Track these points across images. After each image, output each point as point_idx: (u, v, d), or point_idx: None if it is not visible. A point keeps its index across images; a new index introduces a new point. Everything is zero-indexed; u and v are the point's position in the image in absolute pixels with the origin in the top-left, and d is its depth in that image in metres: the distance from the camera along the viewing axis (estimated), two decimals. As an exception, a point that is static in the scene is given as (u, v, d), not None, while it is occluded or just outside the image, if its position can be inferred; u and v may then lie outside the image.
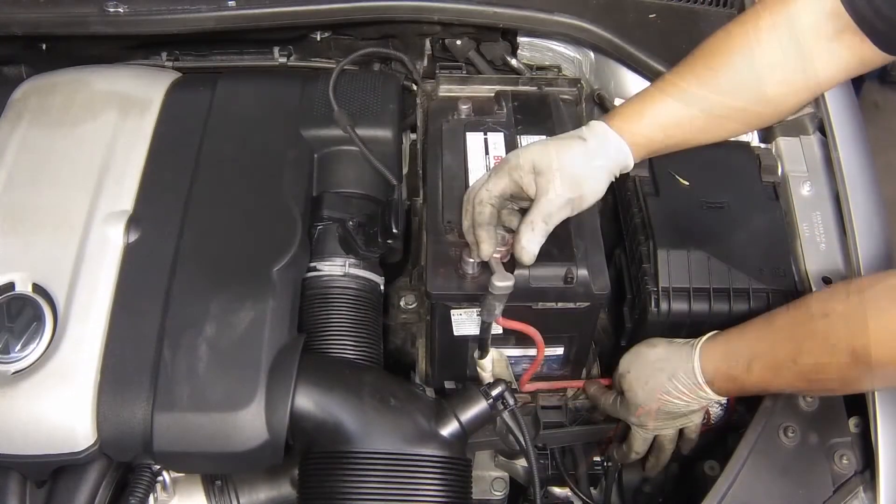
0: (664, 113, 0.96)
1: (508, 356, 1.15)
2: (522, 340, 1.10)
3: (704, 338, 1.03)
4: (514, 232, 0.99)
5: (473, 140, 1.20)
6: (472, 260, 1.02)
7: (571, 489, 1.26)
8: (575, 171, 0.95)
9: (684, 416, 1.08)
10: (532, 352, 1.13)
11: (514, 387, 1.14)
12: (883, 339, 0.84)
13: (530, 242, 0.95)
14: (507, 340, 1.12)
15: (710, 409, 1.16)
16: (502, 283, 0.95)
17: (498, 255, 0.99)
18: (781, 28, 0.94)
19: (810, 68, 0.95)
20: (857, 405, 1.03)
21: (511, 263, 1.00)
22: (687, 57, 0.99)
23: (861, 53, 0.93)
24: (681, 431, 1.12)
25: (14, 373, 0.95)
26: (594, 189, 0.96)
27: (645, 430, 1.10)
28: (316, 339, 1.08)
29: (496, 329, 1.05)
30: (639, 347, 1.09)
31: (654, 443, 1.14)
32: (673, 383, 1.03)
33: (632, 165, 0.98)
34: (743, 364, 0.97)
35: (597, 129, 0.98)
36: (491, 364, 1.09)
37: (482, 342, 1.06)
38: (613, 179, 1.00)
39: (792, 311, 0.96)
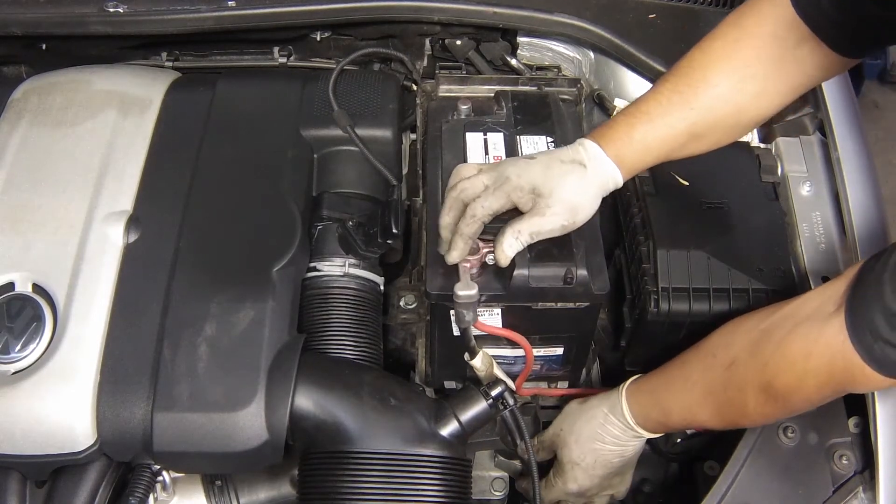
0: (651, 135, 0.99)
1: (505, 357, 1.15)
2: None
3: (629, 381, 1.08)
4: (487, 241, 1.01)
5: (473, 140, 1.20)
6: (474, 258, 1.02)
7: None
8: (574, 199, 0.97)
9: (618, 475, 1.12)
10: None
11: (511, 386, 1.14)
12: (783, 369, 0.87)
13: (511, 248, 0.97)
14: (501, 341, 1.11)
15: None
16: (464, 292, 0.98)
17: (468, 265, 1.01)
18: (748, 41, 0.97)
19: (780, 78, 0.97)
20: (857, 405, 1.03)
21: (509, 267, 1.00)
22: (667, 74, 1.02)
23: (821, 60, 0.95)
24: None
25: (14, 373, 0.95)
26: (587, 214, 1.00)
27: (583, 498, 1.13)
28: (316, 339, 1.08)
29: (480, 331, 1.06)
30: (570, 405, 1.14)
31: None
32: (606, 427, 1.07)
33: (620, 185, 1.01)
34: (665, 409, 1.02)
35: (594, 153, 0.99)
36: (482, 364, 1.09)
37: (466, 345, 1.06)
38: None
39: (701, 358, 0.99)
